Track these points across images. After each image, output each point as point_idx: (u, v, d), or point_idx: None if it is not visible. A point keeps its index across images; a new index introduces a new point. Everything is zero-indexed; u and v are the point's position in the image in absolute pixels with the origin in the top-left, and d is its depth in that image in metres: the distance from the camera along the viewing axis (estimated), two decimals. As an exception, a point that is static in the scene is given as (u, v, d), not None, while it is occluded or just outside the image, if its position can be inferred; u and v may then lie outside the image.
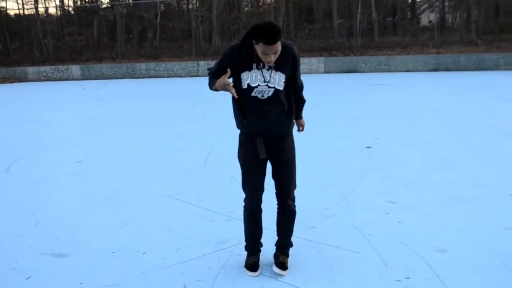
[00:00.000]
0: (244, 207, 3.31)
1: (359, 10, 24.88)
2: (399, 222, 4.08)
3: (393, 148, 6.57)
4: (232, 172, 5.61)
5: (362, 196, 4.72)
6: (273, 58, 2.83)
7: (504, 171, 5.39)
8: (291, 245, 3.44)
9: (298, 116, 3.33)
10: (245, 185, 3.25)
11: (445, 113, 9.03)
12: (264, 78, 2.95)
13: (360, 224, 4.04)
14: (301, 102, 3.28)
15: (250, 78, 2.96)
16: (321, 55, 20.29)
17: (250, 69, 2.96)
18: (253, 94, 2.99)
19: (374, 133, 7.49)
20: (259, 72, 2.95)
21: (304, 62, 17.65)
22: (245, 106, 3.06)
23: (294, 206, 3.31)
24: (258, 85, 2.96)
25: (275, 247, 3.43)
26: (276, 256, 3.38)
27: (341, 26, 26.49)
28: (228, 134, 7.52)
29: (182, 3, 34.53)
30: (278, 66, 2.94)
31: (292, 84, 3.10)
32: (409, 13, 36.97)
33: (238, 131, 3.25)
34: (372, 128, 8.00)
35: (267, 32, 2.75)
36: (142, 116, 10.30)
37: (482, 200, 4.53)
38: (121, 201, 4.81)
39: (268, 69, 2.94)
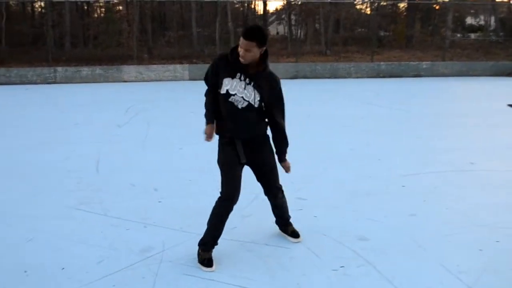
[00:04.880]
0: (221, 197, 3.33)
1: (218, 20, 25.33)
2: (315, 216, 4.24)
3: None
4: (130, 178, 5.37)
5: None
6: (243, 54, 3.04)
7: (389, 165, 5.87)
8: (290, 217, 3.79)
9: (280, 158, 3.49)
10: (226, 180, 3.32)
11: (318, 116, 9.56)
12: (242, 89, 3.14)
13: (280, 221, 4.10)
14: (281, 140, 3.43)
15: (230, 84, 3.14)
16: (181, 63, 20.22)
17: (233, 76, 3.14)
18: (230, 99, 3.16)
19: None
20: (240, 83, 3.14)
21: (169, 69, 17.45)
22: (222, 109, 3.24)
23: (281, 188, 3.63)
24: (236, 94, 3.14)
25: (276, 224, 3.82)
26: (284, 230, 3.78)
27: (199, 34, 26.80)
28: (110, 142, 7.17)
29: (27, 6, 32.02)
30: (257, 84, 3.15)
31: (268, 112, 3.30)
32: (259, 24, 38.74)
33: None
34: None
35: (247, 29, 3.04)
36: (4, 125, 9.24)
37: (379, 192, 4.89)
38: (13, 215, 4.29)
39: (248, 83, 3.14)
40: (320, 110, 10.42)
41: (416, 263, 3.37)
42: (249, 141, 3.31)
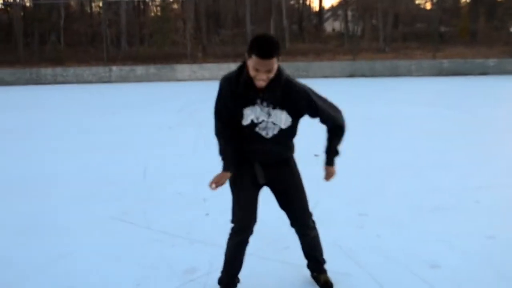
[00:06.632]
0: (233, 227, 2.79)
1: (272, 17, 25.02)
2: (378, 235, 3.78)
3: (341, 158, 6.23)
4: (178, 186, 5.09)
5: (328, 209, 4.35)
6: (264, 77, 2.39)
7: (458, 175, 5.31)
8: (325, 262, 3.08)
9: (330, 161, 2.92)
10: (239, 206, 2.77)
11: (377, 119, 9.01)
12: (267, 115, 2.55)
13: (338, 241, 3.67)
14: (336, 137, 2.84)
15: (254, 113, 2.54)
16: (235, 61, 20.03)
17: (254, 103, 2.53)
18: (256, 130, 2.58)
19: (317, 143, 7.22)
20: (263, 109, 2.54)
21: (223, 68, 17.26)
22: (244, 140, 2.64)
23: (314, 227, 2.98)
24: (263, 120, 2.56)
25: (308, 269, 3.10)
26: (315, 277, 3.06)
27: (253, 32, 26.55)
28: (160, 145, 6.96)
29: (85, 6, 32.90)
30: (281, 104, 2.55)
31: (320, 118, 2.69)
32: (314, 21, 38.10)
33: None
34: (314, 138, 7.74)
35: (261, 43, 2.33)
36: (53, 127, 9.22)
37: (450, 207, 4.36)
38: (50, 227, 4.06)
39: (273, 107, 2.54)
40: (379, 112, 9.85)
41: (500, 300, 2.87)
42: (270, 163, 2.74)
